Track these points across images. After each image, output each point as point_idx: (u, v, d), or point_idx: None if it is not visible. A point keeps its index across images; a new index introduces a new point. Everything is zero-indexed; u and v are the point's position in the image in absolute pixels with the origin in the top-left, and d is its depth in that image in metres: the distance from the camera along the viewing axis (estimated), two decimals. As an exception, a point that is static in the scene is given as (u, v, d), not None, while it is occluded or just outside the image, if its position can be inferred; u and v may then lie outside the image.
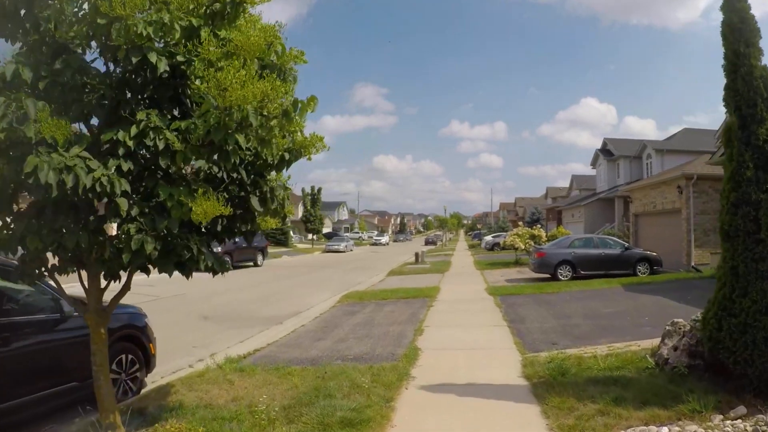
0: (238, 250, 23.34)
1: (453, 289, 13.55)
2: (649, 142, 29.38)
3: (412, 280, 16.60)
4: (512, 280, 15.79)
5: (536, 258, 14.90)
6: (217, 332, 9.29)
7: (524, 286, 13.53)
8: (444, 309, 10.22)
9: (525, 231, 21.39)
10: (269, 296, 14.07)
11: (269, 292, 15.10)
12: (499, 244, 35.47)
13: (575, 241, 15.27)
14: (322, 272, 21.87)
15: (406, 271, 19.73)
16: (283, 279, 18.91)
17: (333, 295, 13.72)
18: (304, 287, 16.16)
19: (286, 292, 14.90)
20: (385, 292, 12.81)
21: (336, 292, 14.40)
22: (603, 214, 29.35)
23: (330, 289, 15.55)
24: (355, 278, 18.76)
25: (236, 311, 11.68)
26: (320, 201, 45.50)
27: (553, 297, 11.82)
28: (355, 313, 10.43)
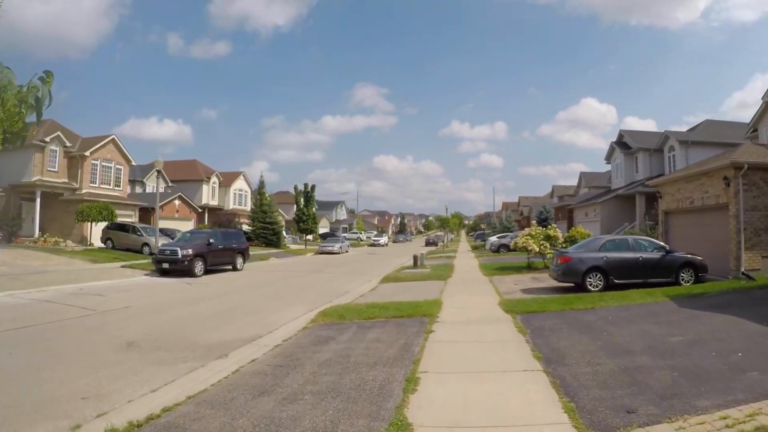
0: (212, 252, 20.67)
1: (458, 304, 10.80)
2: (672, 133, 26.68)
3: (409, 290, 13.88)
4: (529, 290, 13.06)
5: (560, 263, 12.17)
6: (133, 370, 6.64)
7: (547, 300, 10.80)
8: (448, 337, 7.47)
9: (539, 231, 18.66)
10: (231, 311, 11.35)
11: (234, 304, 12.39)
12: (506, 245, 32.71)
13: (607, 243, 12.52)
14: (308, 278, 19.15)
15: (402, 277, 17.01)
16: (260, 287, 16.19)
17: (309, 311, 11.05)
18: (278, 298, 13.45)
19: (254, 305, 12.19)
20: (373, 308, 10.09)
21: (314, 306, 11.74)
22: (621, 213, 26.65)
23: (309, 300, 12.85)
24: (342, 286, 16.05)
25: (177, 334, 8.98)
26: (314, 199, 42.75)
27: (590, 316, 9.09)
28: (327, 341, 7.71)
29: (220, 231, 22.52)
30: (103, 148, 36.19)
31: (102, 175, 36.45)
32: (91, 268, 21.68)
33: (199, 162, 51.94)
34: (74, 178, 34.56)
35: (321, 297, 13.43)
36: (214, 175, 49.61)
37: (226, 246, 21.57)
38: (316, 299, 13.01)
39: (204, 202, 47.70)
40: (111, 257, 25.36)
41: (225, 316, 10.70)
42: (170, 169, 48.94)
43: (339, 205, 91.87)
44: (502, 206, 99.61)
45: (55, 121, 36.96)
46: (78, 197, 33.13)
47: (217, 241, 21.11)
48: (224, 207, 49.91)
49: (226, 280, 18.42)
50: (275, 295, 13.98)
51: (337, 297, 13.35)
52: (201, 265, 19.84)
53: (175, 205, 40.31)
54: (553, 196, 58.63)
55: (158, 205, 24.65)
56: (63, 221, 33.11)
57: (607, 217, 26.12)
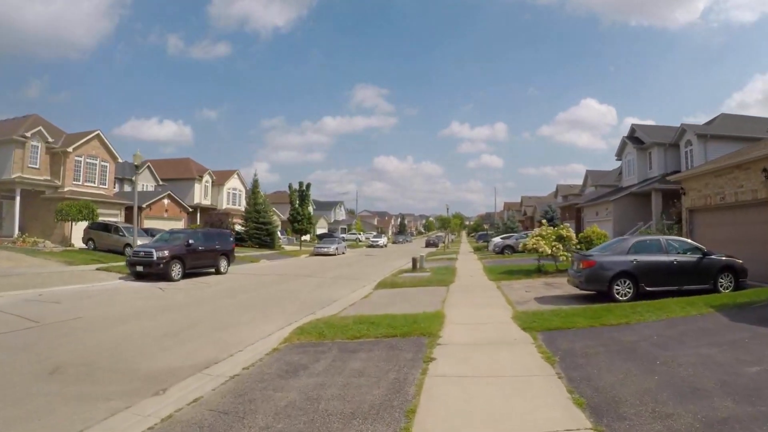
0: (191, 254, 18.94)
1: (463, 317, 9.03)
2: (689, 127, 24.92)
3: (406, 298, 12.12)
4: (544, 298, 11.29)
5: (582, 269, 10.39)
6: (41, 409, 5.11)
7: (570, 313, 9.03)
8: (453, 370, 5.69)
9: (550, 231, 16.89)
10: (195, 325, 9.60)
11: (202, 316, 10.64)
12: (510, 246, 30.92)
13: (637, 245, 10.72)
14: (294, 283, 17.38)
15: (399, 283, 15.24)
16: (239, 293, 14.44)
17: (287, 325, 9.35)
18: (256, 308, 11.69)
19: (225, 318, 10.44)
20: (362, 323, 8.33)
21: (295, 319, 10.03)
22: (634, 211, 24.90)
23: (290, 311, 11.11)
24: (332, 292, 14.29)
25: (119, 356, 7.28)
26: (309, 198, 41.04)
27: (628, 335, 7.33)
28: (297, 371, 5.97)
29: (202, 231, 20.78)
30: (88, 144, 34.51)
31: (86, 173, 34.77)
32: (63, 271, 19.97)
33: (193, 160, 50.27)
34: (57, 176, 32.89)
35: (305, 307, 11.69)
36: (207, 173, 47.89)
37: (207, 247, 19.82)
38: (299, 310, 11.28)
39: (196, 201, 45.99)
40: (89, 259, 23.68)
41: (186, 332, 8.96)
42: (162, 168, 47.29)
43: (338, 205, 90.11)
44: (504, 206, 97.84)
45: (39, 116, 35.31)
46: (60, 195, 31.45)
47: (197, 242, 19.37)
48: (217, 207, 48.18)
49: (204, 285, 16.67)
50: (253, 305, 12.22)
51: (324, 307, 11.60)
52: (179, 268, 18.11)
53: (163, 204, 38.56)
54: (557, 195, 56.87)
55: (136, 203, 22.91)
56: (44, 221, 31.42)
57: (620, 216, 24.36)
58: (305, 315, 10.55)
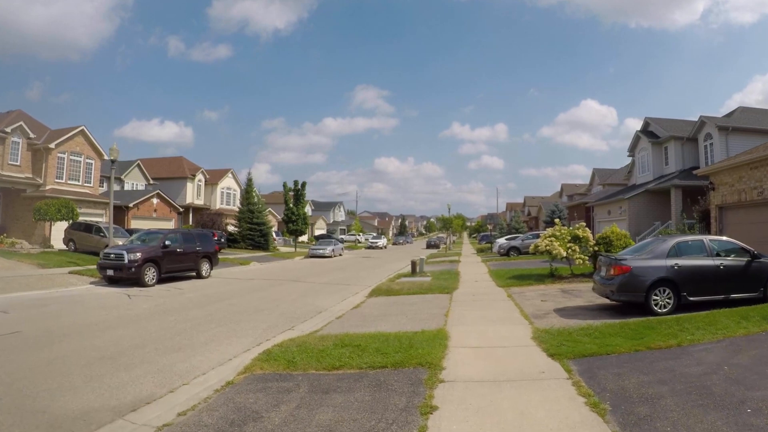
0: (168, 257, 17.22)
1: (472, 338, 7.26)
2: (709, 119, 23.16)
3: (403, 309, 10.38)
4: (565, 310, 9.53)
5: (615, 275, 8.61)
6: None
7: (602, 330, 7.29)
8: (465, 428, 3.93)
9: (564, 231, 15.14)
10: (140, 346, 7.86)
11: (158, 332, 8.90)
12: (516, 248, 29.17)
13: (678, 246, 8.95)
14: (280, 289, 15.65)
15: (396, 289, 13.50)
16: (214, 302, 12.72)
17: (253, 346, 7.65)
18: (225, 322, 9.94)
19: (184, 335, 8.70)
20: (344, 347, 6.60)
21: (266, 336, 8.34)
22: (650, 210, 23.15)
23: (264, 325, 9.38)
24: (319, 301, 12.56)
25: (30, 389, 5.60)
26: (305, 197, 39.29)
27: (689, 364, 5.59)
28: (246, 423, 4.24)
29: (181, 231, 19.07)
30: (71, 140, 32.85)
31: (69, 170, 33.10)
32: (31, 275, 18.26)
33: (186, 159, 48.57)
34: (39, 173, 31.25)
35: (284, 320, 9.97)
36: (200, 172, 46.17)
37: (187, 249, 18.10)
38: (276, 324, 9.55)
39: (188, 201, 44.28)
40: (65, 261, 21.98)
41: (129, 355, 7.23)
42: (153, 166, 45.61)
43: (337, 205, 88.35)
44: (506, 207, 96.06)
45: (23, 112, 33.61)
46: (41, 194, 29.80)
47: (174, 244, 17.65)
48: (210, 206, 46.46)
49: (178, 292, 14.96)
50: (224, 317, 10.48)
51: (305, 320, 9.89)
52: (153, 272, 16.41)
53: (152, 203, 36.85)
54: (562, 195, 55.14)
55: (112, 201, 21.23)
56: (25, 220, 29.80)
57: (636, 215, 22.60)
58: (281, 331, 8.85)
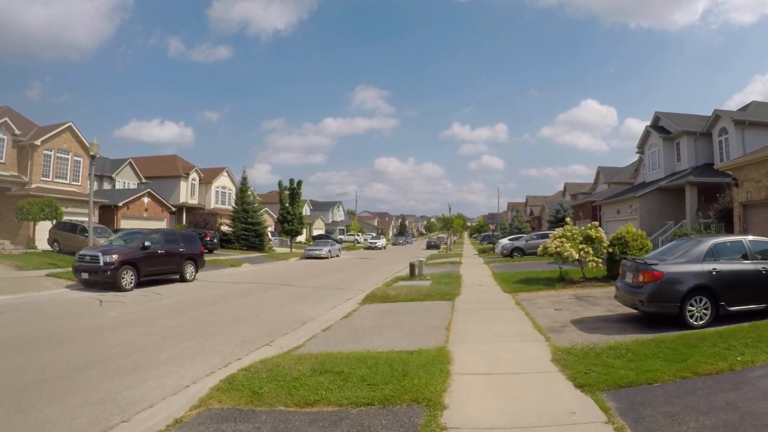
0: (148, 259, 16.03)
1: (479, 362, 6.01)
2: (724, 113, 21.95)
3: (398, 319, 9.16)
4: (584, 322, 8.29)
5: (644, 282, 7.37)
6: None
7: (635, 349, 6.07)
8: None
9: (576, 231, 13.92)
10: (86, 368, 6.65)
11: (107, 350, 7.67)
12: (520, 248, 27.93)
13: (716, 247, 7.72)
14: (267, 294, 14.43)
15: (392, 295, 12.27)
16: (190, 310, 11.51)
17: (219, 368, 6.46)
18: (193, 335, 8.70)
19: (139, 353, 7.47)
20: (322, 374, 5.40)
21: (237, 354, 7.16)
22: (663, 208, 21.93)
23: (236, 341, 8.15)
24: (306, 309, 11.35)
25: None
26: (301, 197, 38.07)
27: (757, 398, 4.37)
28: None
29: (163, 232, 17.86)
30: (58, 136, 31.68)
31: (56, 168, 31.94)
32: (4, 278, 17.07)
33: (180, 157, 47.36)
34: (25, 171, 30.09)
35: (261, 332, 8.76)
36: (194, 171, 44.97)
37: (169, 251, 16.89)
38: (251, 338, 8.34)
39: (182, 200, 43.11)
40: (46, 263, 20.79)
41: (67, 379, 6.04)
42: (146, 165, 44.43)
43: (336, 205, 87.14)
44: (508, 207, 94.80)
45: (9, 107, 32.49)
46: (26, 192, 28.63)
47: (155, 245, 16.45)
48: (205, 206, 45.27)
49: (156, 297, 13.76)
50: (196, 328, 9.26)
51: (286, 333, 8.68)
52: (131, 275, 15.21)
53: (143, 202, 35.64)
54: (565, 194, 53.89)
55: (92, 200, 20.03)
56: (10, 220, 28.58)
57: (648, 214, 21.37)
58: (257, 347, 7.64)
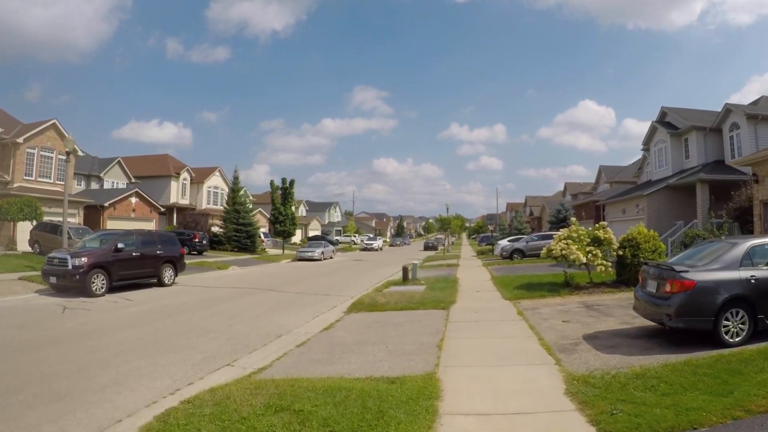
0: (121, 262, 14.91)
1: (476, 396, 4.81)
2: (735, 107, 20.88)
3: (384, 333, 8.03)
4: (598, 337, 7.15)
5: (672, 293, 6.21)
6: None
7: (666, 377, 4.95)
8: None
9: (582, 232, 12.81)
10: (16, 391, 5.55)
11: (51, 369, 6.55)
12: (520, 250, 26.80)
13: (753, 251, 6.59)
14: (246, 300, 13.28)
15: (380, 303, 11.14)
16: (157, 319, 10.37)
17: (157, 400, 5.36)
18: (149, 351, 7.56)
19: (77, 376, 6.33)
20: (277, 414, 4.29)
21: (186, 380, 6.05)
22: (671, 208, 20.84)
23: (196, 358, 7.01)
24: (284, 319, 10.21)
25: None
26: (293, 196, 36.90)
27: None
28: None
29: (139, 233, 16.69)
30: (42, 134, 30.53)
31: (40, 167, 30.79)
32: (-29, 282, 15.99)
33: (171, 156, 46.19)
34: (7, 170, 28.94)
35: (227, 348, 7.62)
36: (185, 170, 43.77)
37: (145, 253, 15.74)
38: (215, 354, 7.22)
39: (172, 200, 41.92)
40: (22, 265, 19.66)
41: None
42: (136, 164, 43.24)
43: (332, 206, 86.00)
44: (507, 207, 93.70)
45: (-8, 105, 31.47)
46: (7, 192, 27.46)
47: (130, 247, 15.30)
48: (196, 206, 44.09)
49: (126, 303, 12.64)
50: (156, 342, 8.12)
51: (255, 349, 7.55)
52: (102, 279, 14.09)
53: (130, 203, 34.46)
54: (565, 194, 52.78)
55: (66, 199, 18.88)
56: (-10, 221, 27.35)
57: (656, 214, 20.27)
58: (217, 367, 6.52)
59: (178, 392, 5.56)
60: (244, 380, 5.67)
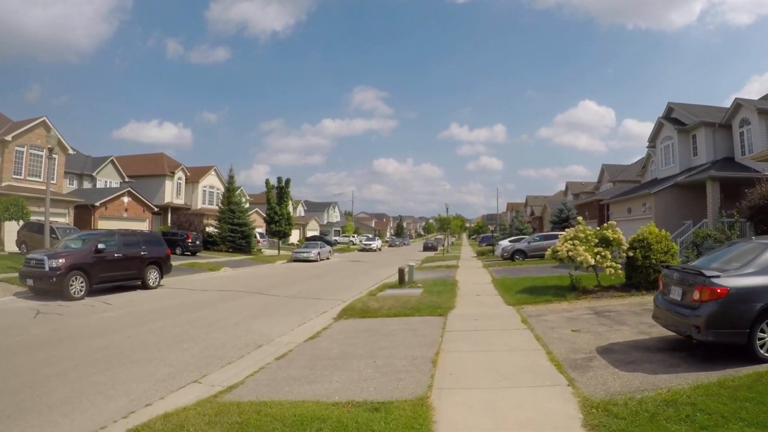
0: (102, 264, 14.17)
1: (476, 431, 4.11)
2: (746, 102, 20.07)
3: (374, 344, 7.24)
4: (614, 350, 6.35)
5: (701, 301, 5.39)
6: None
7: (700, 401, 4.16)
8: None
9: (590, 232, 12.02)
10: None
11: None
12: (522, 251, 26.00)
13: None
14: (230, 305, 12.48)
15: (373, 308, 10.34)
16: (129, 326, 9.59)
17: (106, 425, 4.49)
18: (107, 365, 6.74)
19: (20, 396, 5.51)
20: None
21: (143, 401, 5.27)
22: (679, 207, 20.03)
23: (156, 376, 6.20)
24: (268, 326, 9.41)
25: None
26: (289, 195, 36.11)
27: None
28: None
29: (121, 234, 15.90)
30: (31, 132, 29.84)
31: (29, 165, 30.11)
32: (-51, 284, 15.27)
33: (166, 155, 45.43)
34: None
35: (198, 361, 6.84)
36: (180, 169, 42.97)
37: (128, 254, 14.97)
38: (183, 368, 6.44)
39: (167, 200, 41.16)
40: (6, 266, 19.03)
41: None
42: (130, 163, 42.48)
43: (331, 206, 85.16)
44: (507, 207, 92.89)
45: (-18, 103, 30.78)
46: (-6, 191, 26.75)
47: (111, 248, 14.54)
48: (191, 206, 43.31)
49: (104, 308, 11.88)
50: (121, 353, 7.34)
51: (230, 362, 6.77)
52: (81, 282, 13.32)
53: (123, 202, 33.68)
54: (567, 193, 51.97)
55: (48, 197, 18.11)
56: (-23, 221, 26.62)
57: (663, 213, 19.45)
58: (179, 385, 5.74)
59: (132, 415, 4.79)
60: (207, 403, 4.88)
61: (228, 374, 6.17)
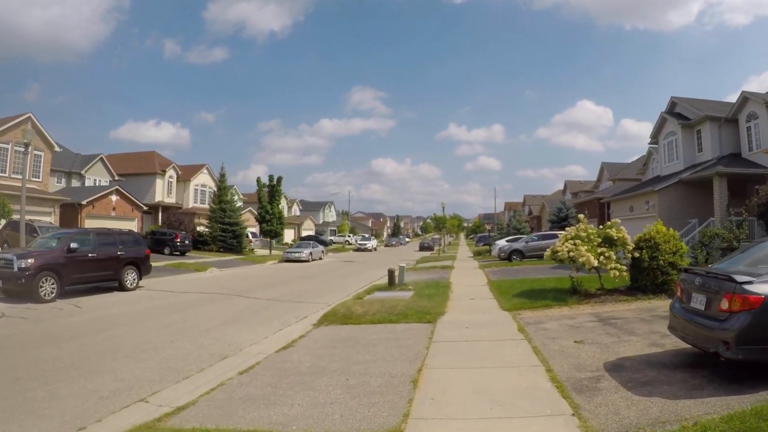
0: (75, 264, 13.34)
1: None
2: (754, 95, 19.35)
3: (349, 360, 6.43)
4: (624, 367, 5.55)
5: (731, 312, 4.57)
6: None
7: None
8: None
9: (592, 231, 11.23)
10: None
11: None
12: (519, 251, 25.20)
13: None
14: (204, 309, 11.65)
15: (357, 314, 9.51)
16: (90, 333, 8.77)
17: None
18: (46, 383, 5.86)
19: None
20: None
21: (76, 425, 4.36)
22: (684, 205, 19.28)
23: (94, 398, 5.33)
24: (239, 334, 8.59)
25: None
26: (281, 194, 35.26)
27: None
28: None
29: (97, 232, 15.07)
30: (16, 128, 28.92)
31: (13, 163, 29.23)
32: None
33: (158, 153, 44.54)
34: (-22, 167, 27.41)
35: (151, 375, 6.02)
36: (171, 167, 42.08)
37: (104, 254, 14.14)
38: (135, 382, 5.63)
39: (158, 199, 40.27)
40: (-20, 268, 17.99)
41: None
42: (120, 162, 41.57)
43: (327, 205, 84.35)
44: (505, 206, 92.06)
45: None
46: (-24, 189, 25.90)
47: (85, 248, 13.72)
48: (182, 205, 42.43)
49: (72, 311, 11.06)
50: (73, 364, 6.52)
51: (187, 376, 5.96)
52: (52, 283, 12.50)
53: (111, 201, 32.77)
54: (566, 192, 51.20)
55: (24, 195, 17.21)
56: (-41, 220, 25.78)
57: (668, 211, 18.65)
58: (123, 405, 4.94)
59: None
60: (145, 429, 4.07)
61: (181, 392, 5.36)
